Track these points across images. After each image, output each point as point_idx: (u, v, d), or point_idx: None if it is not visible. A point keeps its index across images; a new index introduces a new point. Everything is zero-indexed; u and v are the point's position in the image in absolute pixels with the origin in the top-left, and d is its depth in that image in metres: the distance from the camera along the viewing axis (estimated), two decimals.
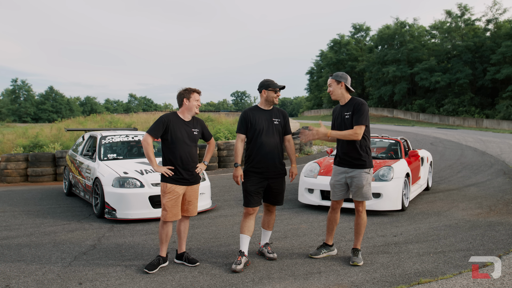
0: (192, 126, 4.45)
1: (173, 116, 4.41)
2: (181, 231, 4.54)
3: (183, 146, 4.35)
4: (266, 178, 4.43)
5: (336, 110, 4.64)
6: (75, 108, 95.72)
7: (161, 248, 4.42)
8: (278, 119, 4.53)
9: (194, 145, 4.46)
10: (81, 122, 24.50)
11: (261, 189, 4.44)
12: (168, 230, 4.39)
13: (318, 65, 74.91)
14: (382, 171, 6.91)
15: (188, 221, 4.59)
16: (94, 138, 8.09)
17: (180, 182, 4.34)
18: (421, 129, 34.87)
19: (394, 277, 4.04)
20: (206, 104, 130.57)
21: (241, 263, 4.28)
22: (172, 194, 4.31)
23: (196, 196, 4.52)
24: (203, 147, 12.88)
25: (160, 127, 4.32)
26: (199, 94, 4.45)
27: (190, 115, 4.45)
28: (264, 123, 4.44)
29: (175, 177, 4.33)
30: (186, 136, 4.38)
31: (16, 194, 8.89)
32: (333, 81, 4.49)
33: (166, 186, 4.33)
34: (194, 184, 4.47)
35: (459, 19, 52.16)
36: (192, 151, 4.44)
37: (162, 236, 4.40)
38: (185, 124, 4.41)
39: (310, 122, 42.65)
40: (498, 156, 15.04)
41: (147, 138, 4.31)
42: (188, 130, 4.40)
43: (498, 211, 6.88)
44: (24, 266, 4.43)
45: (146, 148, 4.28)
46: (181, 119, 4.41)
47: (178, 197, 4.34)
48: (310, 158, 15.06)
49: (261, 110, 4.53)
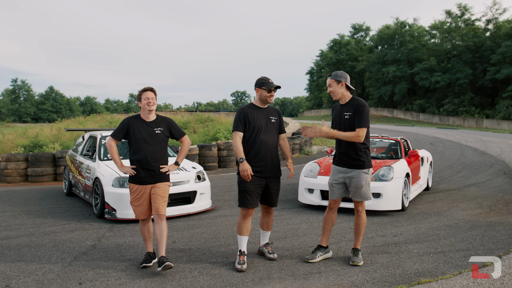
0: (154, 125, 4.47)
1: (135, 117, 4.52)
2: (156, 234, 4.33)
3: (143, 146, 4.39)
4: (265, 177, 4.43)
5: (336, 108, 4.64)
6: (75, 108, 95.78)
7: (147, 245, 4.55)
8: (274, 117, 4.55)
9: (156, 144, 4.45)
10: (81, 122, 24.50)
11: (260, 189, 4.42)
12: (148, 226, 4.53)
13: (318, 65, 74.91)
14: (382, 171, 6.91)
15: (164, 223, 4.34)
16: (94, 138, 8.09)
17: (142, 182, 4.41)
18: (421, 129, 34.87)
19: (394, 277, 4.04)
20: (206, 104, 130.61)
21: (245, 262, 4.33)
22: (135, 193, 4.43)
23: (162, 194, 4.41)
24: (202, 148, 12.88)
25: (121, 130, 4.47)
26: (151, 91, 4.48)
27: (149, 115, 4.48)
28: (263, 121, 4.44)
29: (136, 176, 4.41)
30: (147, 135, 4.41)
31: (16, 194, 8.89)
32: (333, 81, 4.48)
33: (130, 185, 4.47)
34: (157, 182, 4.43)
35: (459, 19, 52.16)
36: (154, 150, 4.43)
37: (142, 234, 4.56)
38: (146, 124, 4.46)
39: (310, 122, 42.62)
40: (498, 156, 15.04)
41: (109, 141, 4.49)
42: (149, 130, 4.44)
43: (498, 211, 6.88)
44: (24, 266, 4.43)
45: (109, 150, 4.49)
46: (142, 119, 4.49)
47: (141, 196, 4.41)
48: (310, 158, 15.06)
49: (257, 108, 4.51)
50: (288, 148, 4.67)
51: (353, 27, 68.53)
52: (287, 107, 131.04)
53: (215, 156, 13.09)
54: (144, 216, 4.47)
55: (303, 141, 17.43)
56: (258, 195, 4.43)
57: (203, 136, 18.88)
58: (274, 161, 4.47)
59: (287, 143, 4.68)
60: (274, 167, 4.46)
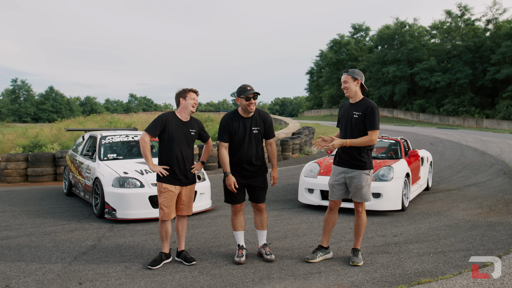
0: (189, 126, 4.45)
1: (171, 115, 4.41)
2: (179, 230, 4.57)
3: (179, 146, 4.35)
4: (245, 177, 4.50)
5: (345, 107, 4.60)
6: (75, 108, 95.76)
7: (163, 245, 4.49)
8: (257, 127, 4.47)
9: (190, 145, 4.46)
10: (81, 122, 24.52)
11: (242, 186, 4.49)
12: (167, 228, 4.44)
13: (318, 65, 74.92)
14: (382, 171, 6.91)
15: (186, 219, 4.61)
16: (94, 138, 8.09)
17: (175, 182, 4.37)
18: (421, 129, 34.86)
19: (394, 277, 4.04)
20: (206, 104, 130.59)
21: (243, 255, 4.47)
22: (167, 194, 4.35)
23: (192, 196, 4.55)
24: (202, 148, 12.91)
25: (159, 126, 4.33)
26: (196, 93, 4.44)
27: (187, 115, 4.44)
28: (242, 132, 4.42)
29: (170, 177, 4.34)
30: (183, 136, 4.38)
31: (16, 194, 8.89)
32: (349, 77, 4.42)
33: (161, 186, 4.36)
34: (189, 184, 4.48)
35: (459, 19, 52.14)
36: (188, 151, 4.44)
37: (162, 234, 4.48)
38: (182, 124, 4.41)
39: (310, 122, 42.62)
40: (498, 156, 15.03)
41: (144, 137, 4.31)
42: (185, 130, 4.40)
43: (498, 211, 6.88)
44: (24, 266, 4.43)
45: (143, 147, 4.29)
46: (178, 119, 4.41)
47: (173, 197, 4.38)
48: (310, 158, 15.06)
49: (240, 117, 4.45)
50: (274, 154, 4.61)
51: (353, 27, 68.52)
52: (287, 107, 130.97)
53: (215, 156, 13.10)
54: (173, 217, 4.43)
55: (303, 141, 17.43)
56: (241, 191, 4.51)
57: None
58: (255, 165, 4.49)
59: (274, 150, 4.62)
60: (255, 169, 4.51)
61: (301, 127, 21.57)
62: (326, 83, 68.86)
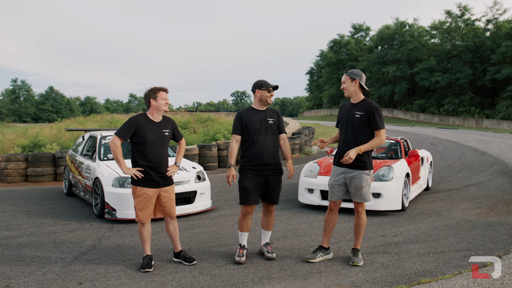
0: (162, 126, 4.36)
1: (143, 117, 4.32)
2: (171, 232, 4.52)
3: (153, 148, 4.27)
4: (263, 175, 4.48)
5: (345, 107, 4.60)
6: (75, 108, 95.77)
7: (144, 248, 4.41)
8: (272, 119, 4.61)
9: (165, 146, 4.39)
10: (81, 122, 24.51)
11: (258, 186, 4.48)
12: (146, 230, 4.37)
13: (318, 65, 74.91)
14: (382, 171, 6.91)
15: (175, 220, 4.52)
16: (94, 138, 8.09)
17: (151, 185, 4.29)
18: (421, 129, 34.86)
19: (394, 277, 4.04)
20: (206, 104, 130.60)
21: (244, 255, 4.48)
22: (142, 197, 4.27)
23: (171, 197, 4.44)
24: (202, 148, 12.89)
25: (129, 130, 4.23)
26: (166, 92, 4.35)
27: (160, 115, 4.36)
28: (259, 123, 4.51)
29: (145, 179, 4.26)
30: (157, 137, 4.29)
31: (16, 194, 8.89)
32: (347, 78, 4.46)
33: (136, 189, 4.28)
34: (166, 186, 4.40)
35: (459, 19, 52.12)
36: (163, 152, 4.36)
37: (142, 236, 4.39)
38: (155, 125, 4.31)
39: (310, 122, 42.63)
40: (498, 156, 15.03)
41: (115, 140, 4.22)
42: (158, 131, 4.31)
43: (498, 211, 6.88)
44: (24, 266, 4.43)
45: (114, 150, 4.19)
46: (150, 120, 4.32)
47: (148, 199, 4.29)
48: (310, 158, 15.06)
49: (255, 110, 4.60)
50: (288, 148, 4.70)
51: (353, 27, 68.52)
52: (287, 107, 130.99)
53: (215, 156, 13.10)
54: (149, 219, 4.37)
55: (303, 141, 17.44)
56: (258, 192, 4.50)
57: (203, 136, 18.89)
58: (272, 160, 4.51)
59: (287, 144, 4.72)
60: (271, 165, 4.51)
61: (301, 127, 21.57)
62: (326, 83, 68.87)
